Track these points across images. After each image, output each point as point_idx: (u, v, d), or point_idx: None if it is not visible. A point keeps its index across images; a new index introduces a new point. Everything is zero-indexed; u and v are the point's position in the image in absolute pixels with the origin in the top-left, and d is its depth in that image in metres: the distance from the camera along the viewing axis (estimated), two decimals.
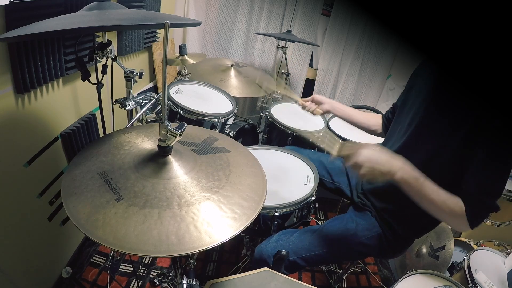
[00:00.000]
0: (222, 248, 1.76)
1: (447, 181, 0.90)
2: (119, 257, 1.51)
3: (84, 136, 1.33)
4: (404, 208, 0.99)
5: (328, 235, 1.06)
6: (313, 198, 1.14)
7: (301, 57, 2.41)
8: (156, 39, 1.97)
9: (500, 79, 0.75)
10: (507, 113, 0.74)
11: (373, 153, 0.87)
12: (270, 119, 1.75)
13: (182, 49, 1.67)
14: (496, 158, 0.78)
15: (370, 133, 1.32)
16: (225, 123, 1.55)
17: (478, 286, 1.15)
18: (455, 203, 0.82)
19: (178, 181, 0.69)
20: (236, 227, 0.62)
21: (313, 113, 1.31)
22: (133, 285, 1.46)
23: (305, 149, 1.47)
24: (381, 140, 1.23)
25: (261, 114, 2.08)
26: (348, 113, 1.30)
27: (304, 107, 1.32)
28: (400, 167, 0.85)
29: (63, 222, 1.33)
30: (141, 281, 1.48)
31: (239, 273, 0.80)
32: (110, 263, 1.48)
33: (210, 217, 0.62)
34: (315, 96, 1.31)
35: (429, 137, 0.91)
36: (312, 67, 2.51)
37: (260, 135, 2.04)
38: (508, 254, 1.29)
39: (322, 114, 1.33)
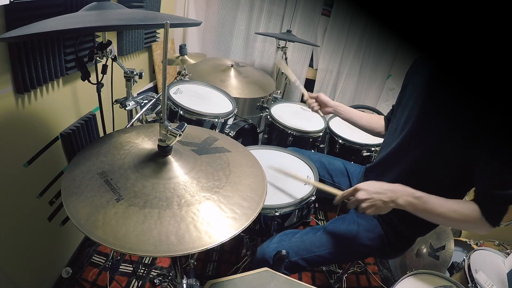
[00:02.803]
0: (222, 248, 1.76)
1: (449, 181, 0.90)
2: (119, 257, 1.51)
3: (84, 136, 1.33)
4: None
5: (330, 236, 1.06)
6: (313, 198, 1.14)
7: (301, 57, 2.41)
8: (156, 39, 1.97)
9: (498, 77, 0.75)
10: (505, 111, 0.73)
11: (369, 186, 0.89)
12: (270, 119, 1.75)
13: (182, 49, 1.67)
14: (499, 156, 0.77)
15: (374, 135, 1.34)
16: (225, 123, 1.55)
17: (478, 286, 1.15)
18: (468, 208, 0.81)
19: (178, 181, 0.69)
20: (236, 227, 0.62)
21: (313, 110, 1.34)
22: (133, 285, 1.46)
23: (305, 150, 1.47)
24: (381, 140, 1.24)
25: (261, 114, 2.08)
26: (352, 117, 1.32)
27: (306, 102, 1.34)
28: (400, 192, 0.86)
29: (63, 222, 1.33)
30: (141, 281, 1.48)
31: (239, 273, 0.80)
32: (110, 263, 1.48)
33: (210, 217, 0.62)
34: (321, 95, 1.32)
35: (425, 135, 0.91)
36: (312, 67, 2.51)
37: (260, 135, 2.04)
38: (508, 254, 1.29)
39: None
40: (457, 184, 0.90)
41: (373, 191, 0.88)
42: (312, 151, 1.74)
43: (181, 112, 1.41)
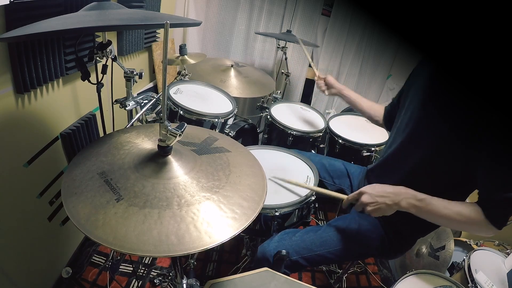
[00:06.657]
0: (222, 248, 1.76)
1: (451, 182, 0.90)
2: (119, 257, 1.51)
3: (84, 136, 1.33)
4: None
5: (331, 236, 1.06)
6: (313, 198, 1.14)
7: (301, 57, 2.41)
8: (156, 39, 1.97)
9: (499, 78, 0.75)
10: (506, 112, 0.73)
11: (372, 190, 0.90)
12: (270, 119, 1.75)
13: (182, 49, 1.67)
14: (502, 157, 0.77)
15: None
16: (225, 123, 1.55)
17: (478, 286, 1.15)
18: (470, 209, 0.81)
19: (178, 181, 0.69)
20: (236, 227, 0.62)
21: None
22: (133, 285, 1.46)
23: (306, 151, 1.48)
24: (384, 139, 1.24)
25: (261, 114, 2.08)
26: (354, 100, 1.38)
27: (316, 82, 1.48)
28: (403, 194, 0.87)
29: (63, 222, 1.33)
30: (141, 281, 1.48)
31: (239, 273, 0.80)
32: (110, 263, 1.48)
33: (210, 217, 0.62)
34: (328, 78, 1.43)
35: (427, 136, 0.91)
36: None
37: (260, 135, 2.04)
38: (508, 254, 1.29)
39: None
40: (459, 185, 0.90)
41: (377, 194, 0.89)
42: (313, 151, 1.74)
43: (181, 112, 1.41)
